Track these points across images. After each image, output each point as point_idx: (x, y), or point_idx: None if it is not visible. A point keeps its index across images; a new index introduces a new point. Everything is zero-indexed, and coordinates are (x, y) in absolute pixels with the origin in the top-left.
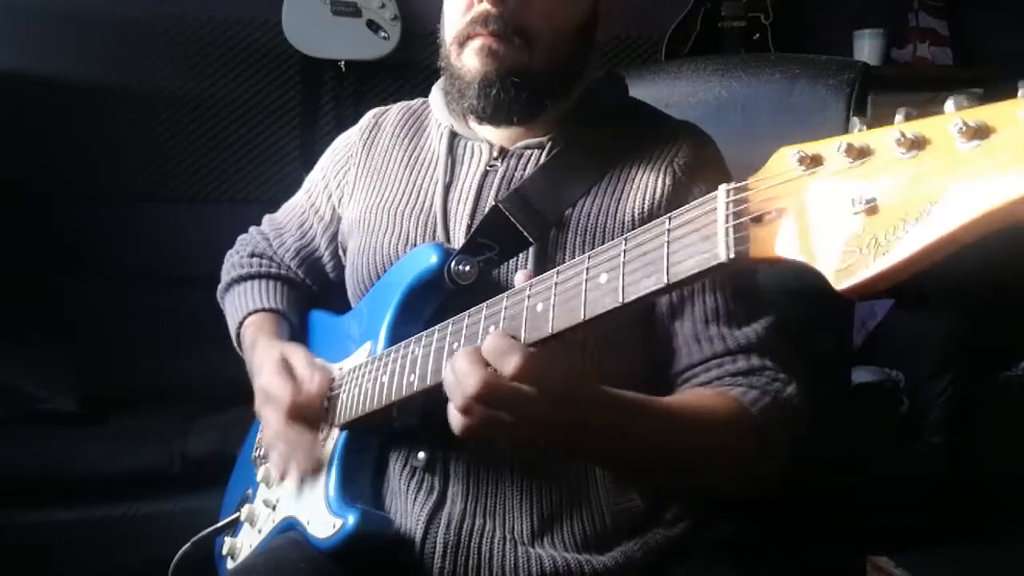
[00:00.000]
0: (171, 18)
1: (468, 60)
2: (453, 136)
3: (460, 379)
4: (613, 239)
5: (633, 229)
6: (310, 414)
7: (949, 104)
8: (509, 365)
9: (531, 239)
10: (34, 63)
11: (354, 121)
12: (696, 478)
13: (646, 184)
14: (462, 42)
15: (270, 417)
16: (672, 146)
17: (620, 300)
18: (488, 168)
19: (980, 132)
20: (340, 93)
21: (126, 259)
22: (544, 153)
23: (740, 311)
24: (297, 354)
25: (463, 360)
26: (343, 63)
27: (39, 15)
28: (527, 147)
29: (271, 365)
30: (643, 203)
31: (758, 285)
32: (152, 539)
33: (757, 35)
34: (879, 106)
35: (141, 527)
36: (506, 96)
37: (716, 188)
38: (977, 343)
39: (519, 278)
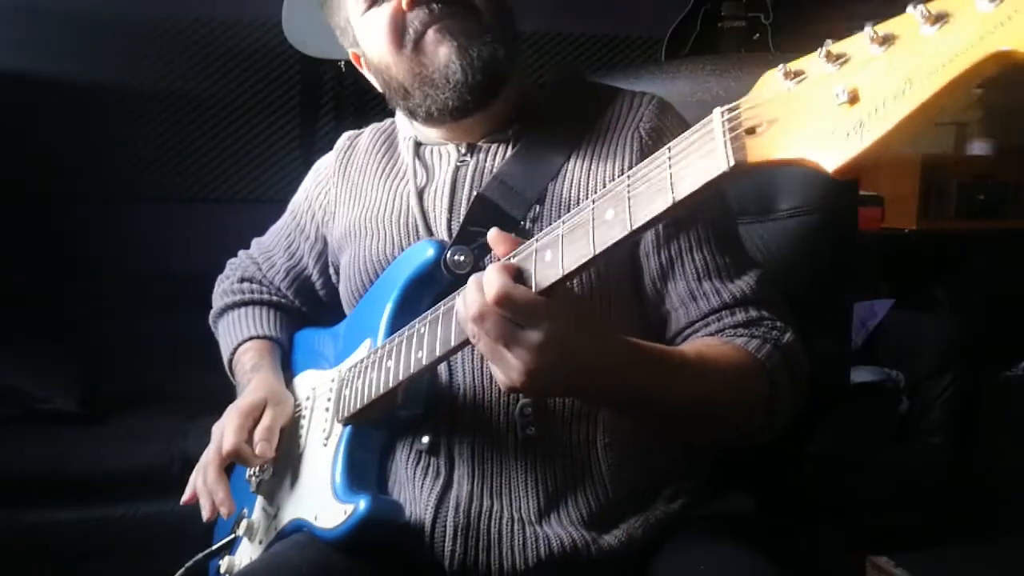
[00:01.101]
0: (171, 18)
1: (435, 53)
2: (418, 145)
3: (485, 283)
4: None
5: None
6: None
7: (910, 7)
8: (489, 290)
9: (517, 219)
10: (34, 63)
11: (354, 121)
12: (714, 427)
13: (615, 153)
14: (415, 46)
15: (210, 451)
16: (636, 113)
17: (629, 227)
18: (459, 164)
19: (940, 17)
20: (340, 93)
21: (126, 259)
22: (510, 145)
23: (730, 264)
24: (270, 413)
25: (491, 271)
26: (343, 63)
27: (39, 15)
28: (493, 140)
29: (245, 402)
30: (615, 171)
31: (741, 239)
32: (152, 539)
33: (757, 35)
34: None
35: (141, 527)
36: (486, 55)
37: None
38: (977, 343)
39: (492, 232)
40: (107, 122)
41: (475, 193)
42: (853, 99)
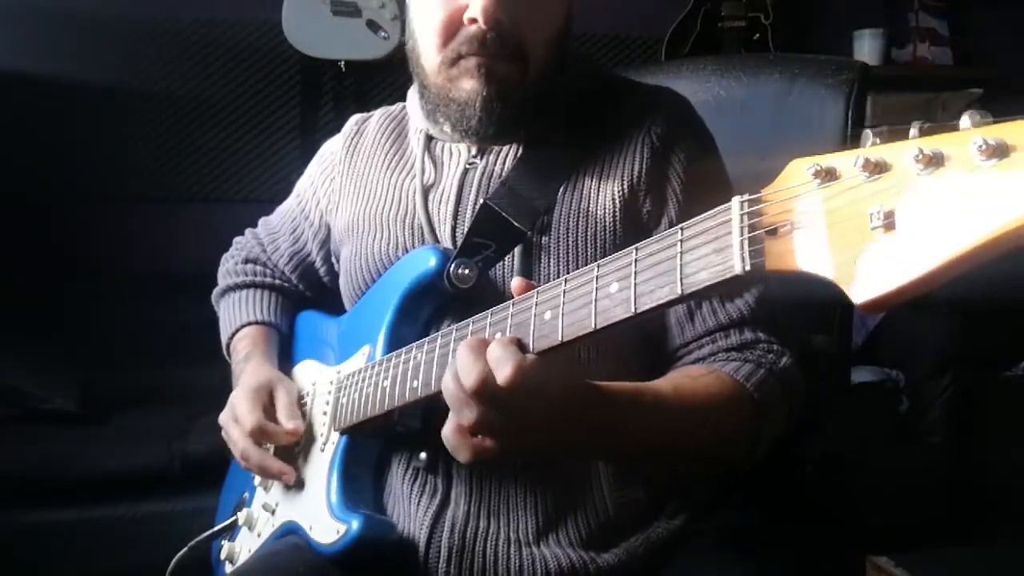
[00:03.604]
0: (171, 18)
1: (464, 82)
2: (430, 139)
3: (461, 370)
4: (600, 220)
5: (618, 207)
6: (275, 444)
7: (965, 120)
8: (501, 374)
9: (524, 230)
10: (34, 63)
11: None
12: (697, 461)
13: (626, 160)
14: (452, 62)
15: (234, 436)
16: (647, 116)
17: (632, 310)
18: (467, 166)
19: (1000, 150)
20: (340, 93)
21: (126, 259)
22: (522, 146)
23: None
24: (282, 390)
25: (466, 354)
26: (343, 63)
27: (39, 15)
28: (505, 142)
29: (247, 384)
30: (625, 180)
31: None
32: (152, 539)
33: (757, 35)
34: (878, 105)
35: (141, 527)
36: (508, 115)
37: (694, 155)
38: (977, 343)
39: (516, 283)
40: (107, 122)
41: (482, 200)
42: (888, 225)
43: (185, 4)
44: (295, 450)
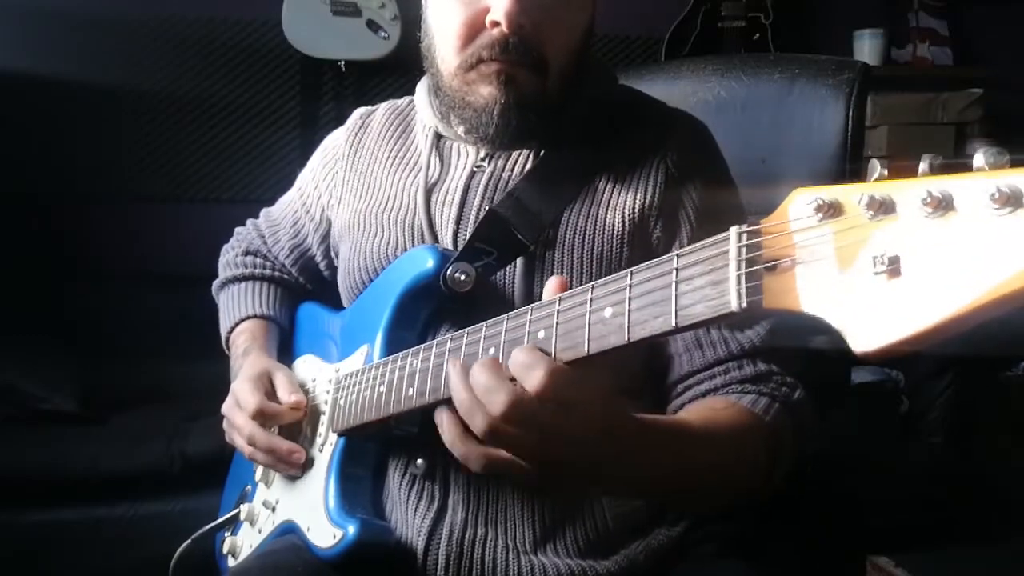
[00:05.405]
0: (171, 18)
1: (482, 87)
2: (439, 137)
3: (484, 397)
4: (607, 241)
5: (627, 230)
6: (279, 423)
7: (979, 158)
8: (533, 379)
9: (527, 243)
10: (34, 63)
11: None
12: (716, 498)
13: (639, 184)
14: (471, 66)
15: (239, 422)
16: (664, 141)
17: (626, 338)
18: (475, 169)
19: (1015, 199)
20: (340, 93)
21: (126, 259)
22: (532, 156)
23: None
24: (280, 373)
25: (485, 375)
26: (343, 63)
27: (39, 15)
28: (516, 148)
29: (248, 373)
30: (636, 204)
31: None
32: (152, 539)
33: (757, 35)
34: (878, 105)
35: (141, 527)
36: (525, 124)
37: (710, 185)
38: (976, 343)
39: (550, 285)
40: (107, 122)
41: (486, 206)
42: (893, 271)
43: (186, 4)
44: (297, 441)
